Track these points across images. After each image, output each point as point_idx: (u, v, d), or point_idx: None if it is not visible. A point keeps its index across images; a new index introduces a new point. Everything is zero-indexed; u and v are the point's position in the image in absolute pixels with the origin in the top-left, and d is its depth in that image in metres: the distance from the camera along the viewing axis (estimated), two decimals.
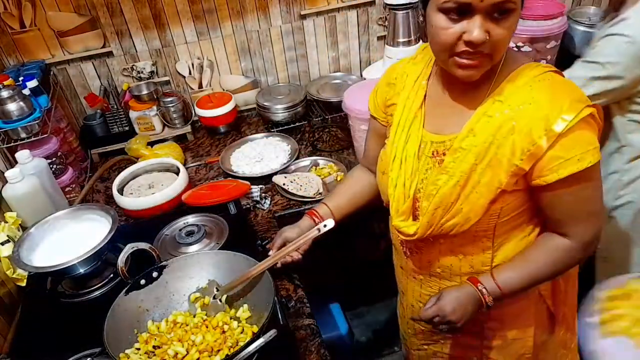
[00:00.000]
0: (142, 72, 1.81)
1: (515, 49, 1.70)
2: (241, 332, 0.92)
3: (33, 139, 1.44)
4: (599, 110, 0.82)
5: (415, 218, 0.95)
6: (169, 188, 1.43)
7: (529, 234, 0.93)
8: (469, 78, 0.82)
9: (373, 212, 1.53)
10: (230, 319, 0.95)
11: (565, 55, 1.79)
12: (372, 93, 1.09)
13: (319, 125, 1.85)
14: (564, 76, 0.87)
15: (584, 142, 0.80)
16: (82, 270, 1.09)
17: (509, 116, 0.81)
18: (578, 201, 0.85)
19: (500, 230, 0.91)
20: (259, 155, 1.67)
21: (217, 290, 0.98)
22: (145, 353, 0.89)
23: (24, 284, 1.23)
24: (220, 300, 0.97)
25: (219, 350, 0.88)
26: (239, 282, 0.97)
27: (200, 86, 1.90)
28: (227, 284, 0.98)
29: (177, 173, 1.51)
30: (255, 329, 0.90)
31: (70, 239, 1.16)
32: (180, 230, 1.26)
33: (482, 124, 0.84)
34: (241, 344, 0.85)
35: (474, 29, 0.74)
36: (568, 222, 0.88)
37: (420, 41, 1.89)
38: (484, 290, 0.92)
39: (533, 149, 0.80)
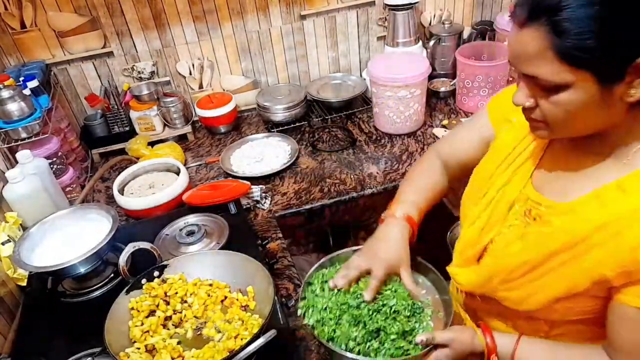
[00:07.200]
0: (142, 72, 1.81)
1: None
2: None
3: (34, 139, 1.44)
4: None
5: (478, 261, 0.85)
6: (170, 188, 1.43)
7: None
8: (538, 136, 0.74)
9: (374, 210, 1.52)
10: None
11: None
12: (497, 98, 0.94)
13: (319, 125, 1.85)
14: None
15: None
16: (82, 270, 1.09)
17: (621, 215, 0.65)
18: None
19: (561, 326, 0.78)
20: (259, 155, 1.67)
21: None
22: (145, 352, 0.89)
23: (24, 283, 1.23)
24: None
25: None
26: None
27: (201, 86, 1.90)
28: None
29: (178, 173, 1.51)
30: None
31: (70, 238, 1.16)
32: (180, 230, 1.26)
33: (588, 211, 0.69)
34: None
35: (517, 91, 0.69)
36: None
37: (420, 42, 1.90)
38: None
39: (632, 269, 0.64)
